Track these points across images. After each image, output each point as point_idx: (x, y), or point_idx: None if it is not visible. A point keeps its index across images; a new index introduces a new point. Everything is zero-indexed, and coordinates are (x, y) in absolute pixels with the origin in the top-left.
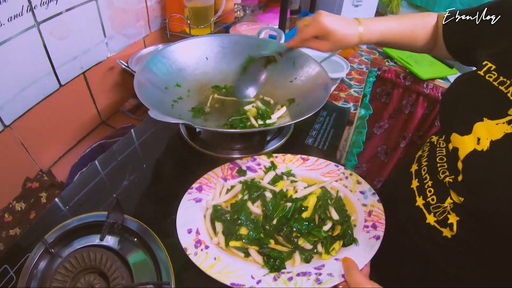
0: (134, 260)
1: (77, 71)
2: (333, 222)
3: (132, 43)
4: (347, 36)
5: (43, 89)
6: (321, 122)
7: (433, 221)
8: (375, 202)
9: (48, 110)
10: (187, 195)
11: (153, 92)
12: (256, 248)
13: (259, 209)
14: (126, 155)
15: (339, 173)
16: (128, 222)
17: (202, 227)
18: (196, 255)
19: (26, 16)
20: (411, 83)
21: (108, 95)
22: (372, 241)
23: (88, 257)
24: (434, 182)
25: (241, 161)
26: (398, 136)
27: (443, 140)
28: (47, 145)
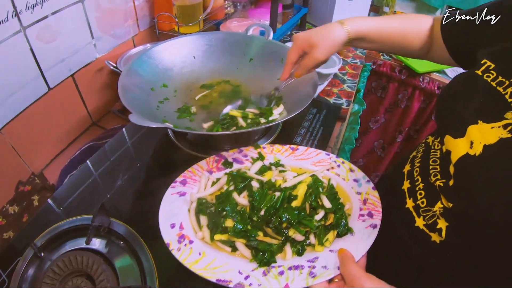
0: (120, 263)
1: (66, 73)
2: (325, 210)
3: (121, 43)
4: (331, 33)
5: (32, 93)
6: (310, 120)
7: (422, 225)
8: (370, 189)
9: (38, 114)
10: (170, 189)
11: (138, 95)
12: (244, 241)
13: (245, 199)
14: (116, 156)
15: (331, 162)
16: (114, 226)
17: (186, 221)
18: (179, 251)
19: (11, 22)
20: (407, 77)
21: (98, 96)
22: (368, 230)
23: (76, 261)
24: (426, 184)
25: (227, 153)
26: (395, 130)
27: (438, 141)
28: (39, 148)
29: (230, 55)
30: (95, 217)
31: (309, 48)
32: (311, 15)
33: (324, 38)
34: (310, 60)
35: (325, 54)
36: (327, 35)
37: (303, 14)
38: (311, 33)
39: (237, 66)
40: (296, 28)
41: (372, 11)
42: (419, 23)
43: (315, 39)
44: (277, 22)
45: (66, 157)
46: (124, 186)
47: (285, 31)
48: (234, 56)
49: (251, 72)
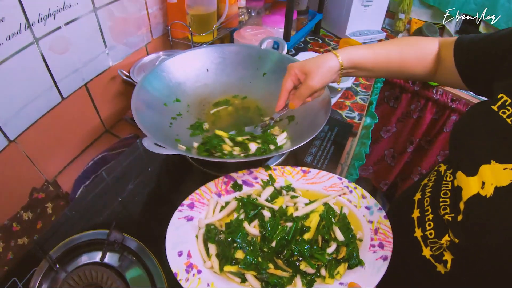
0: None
1: (79, 83)
2: (337, 243)
3: (134, 51)
4: (325, 62)
5: (45, 103)
6: (322, 138)
7: (429, 255)
8: (381, 218)
9: (52, 123)
10: (177, 213)
11: (151, 114)
12: (254, 273)
13: (256, 229)
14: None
15: (343, 187)
16: (127, 241)
17: (194, 249)
18: (187, 281)
19: (24, 34)
20: (420, 88)
21: (111, 104)
22: (379, 262)
23: (90, 275)
24: (435, 216)
25: (236, 175)
26: (406, 140)
27: (451, 173)
28: (52, 156)
29: (244, 68)
30: (110, 234)
31: (303, 76)
32: (326, 21)
33: (318, 67)
34: (305, 88)
35: (320, 82)
36: (321, 64)
37: (318, 21)
38: (305, 62)
39: (250, 81)
40: (311, 34)
41: (387, 17)
42: (420, 49)
43: (309, 67)
44: (291, 29)
45: (79, 165)
46: (136, 199)
47: (299, 38)
48: (247, 70)
49: (265, 87)
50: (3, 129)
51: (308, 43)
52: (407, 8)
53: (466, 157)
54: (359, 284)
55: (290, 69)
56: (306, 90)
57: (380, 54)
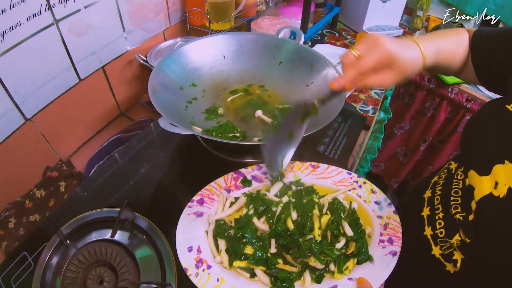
0: (140, 254)
1: (97, 65)
2: (347, 238)
3: (152, 36)
4: (413, 60)
5: (63, 83)
6: (335, 128)
7: (438, 254)
8: (391, 213)
9: (68, 104)
10: (187, 208)
11: (167, 95)
12: (263, 268)
13: (265, 225)
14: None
15: (352, 182)
16: (138, 220)
17: (204, 245)
18: (197, 276)
19: (44, 15)
20: (436, 86)
21: (127, 87)
22: (388, 257)
23: (100, 251)
24: (445, 215)
25: (245, 170)
26: (419, 138)
27: (462, 171)
28: (67, 136)
29: (260, 56)
30: (122, 211)
31: (385, 65)
32: (343, 15)
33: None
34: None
35: (395, 82)
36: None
37: (336, 14)
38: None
39: (266, 69)
40: (328, 27)
41: (405, 13)
42: (462, 41)
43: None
44: (308, 21)
45: (94, 146)
46: (148, 180)
47: (316, 30)
48: (263, 58)
49: (280, 76)
50: (20, 107)
51: (325, 36)
52: (425, 5)
53: (478, 156)
54: (368, 279)
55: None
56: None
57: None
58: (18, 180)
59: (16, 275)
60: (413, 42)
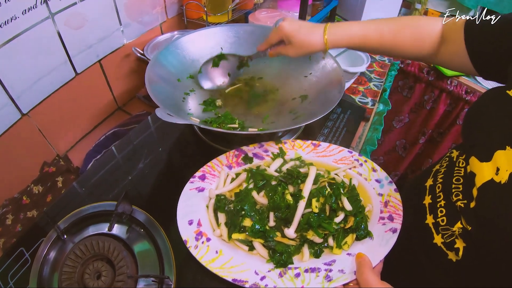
0: (138, 248)
1: (93, 59)
2: (345, 213)
3: (149, 29)
4: (310, 41)
5: (59, 77)
6: (335, 119)
7: (440, 242)
8: (392, 191)
9: (65, 98)
10: (189, 184)
11: (164, 87)
12: (261, 241)
13: (264, 198)
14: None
15: (353, 160)
16: (136, 213)
17: (204, 218)
18: (196, 248)
19: (40, 8)
20: (435, 78)
21: (124, 81)
22: (388, 234)
23: (97, 245)
24: (447, 202)
25: (247, 148)
26: (418, 131)
27: (463, 159)
28: (64, 130)
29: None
30: (119, 205)
31: (287, 42)
32: (341, 8)
33: (302, 42)
34: (283, 51)
35: (297, 55)
36: (306, 41)
37: (333, 7)
38: (295, 31)
39: (264, 61)
40: (325, 21)
41: (404, 6)
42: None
43: (295, 40)
44: (306, 14)
45: (91, 140)
46: (146, 173)
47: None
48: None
49: (279, 67)
50: (16, 102)
51: None
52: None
53: (479, 143)
54: (367, 255)
55: (280, 30)
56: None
57: (373, 33)
58: (15, 176)
59: (14, 271)
60: (320, 28)
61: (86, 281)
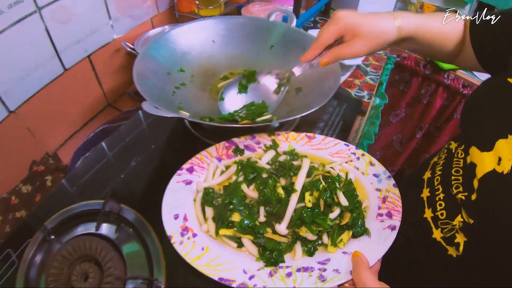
0: (128, 249)
1: (82, 54)
2: (341, 208)
3: (139, 24)
4: (383, 29)
5: (47, 73)
6: (330, 112)
7: (439, 237)
8: (390, 186)
9: (53, 94)
10: (176, 176)
11: (154, 81)
12: (251, 237)
13: (255, 192)
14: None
15: (350, 153)
16: (125, 212)
17: (190, 213)
18: (181, 244)
19: (27, 2)
20: (431, 72)
21: (114, 77)
22: (386, 232)
23: (85, 246)
24: (446, 195)
25: (238, 139)
26: (415, 126)
27: (462, 149)
28: (53, 128)
29: (251, 41)
30: (106, 203)
31: (351, 36)
32: (336, 2)
33: (373, 31)
34: (347, 50)
35: (368, 50)
36: (378, 29)
37: (328, 0)
38: (360, 19)
39: (257, 53)
40: (320, 14)
41: (399, 0)
42: (453, 25)
43: (364, 29)
44: (300, 7)
45: (81, 138)
46: (136, 171)
47: (308, 17)
48: (254, 42)
49: (272, 60)
50: (3, 99)
51: (317, 23)
52: None
53: (480, 132)
54: (364, 254)
55: (339, 20)
56: (348, 53)
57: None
58: (4, 176)
59: (1, 273)
60: (387, 13)
61: (73, 282)
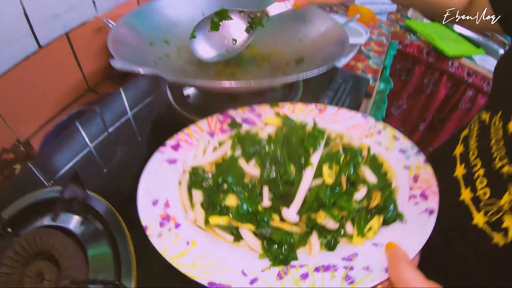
0: (93, 251)
1: (59, 31)
2: (368, 187)
3: (124, 1)
4: None
5: (20, 50)
6: (336, 89)
7: (482, 222)
8: (421, 163)
9: (27, 75)
10: (157, 154)
11: (133, 49)
12: (252, 227)
13: (256, 169)
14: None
15: (369, 127)
16: (93, 201)
17: (174, 198)
18: (160, 237)
19: None
20: (435, 60)
21: (95, 59)
22: (423, 216)
23: (42, 240)
24: (488, 170)
25: (235, 112)
26: (418, 118)
27: (500, 117)
28: (26, 113)
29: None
30: (66, 188)
31: None
32: None
33: None
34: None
35: None
36: None
37: None
38: None
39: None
40: None
41: None
42: None
43: None
44: None
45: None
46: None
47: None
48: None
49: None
50: None
51: None
52: None
53: None
54: (400, 245)
55: None
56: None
57: None
58: None
59: None
60: None
61: (27, 284)
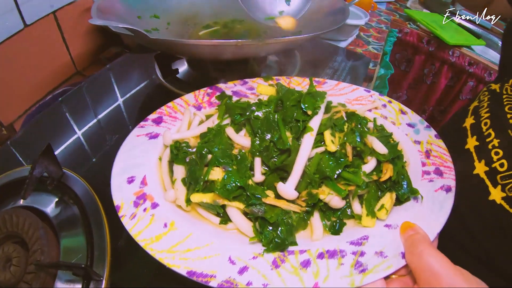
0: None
1: (46, 9)
2: (378, 158)
3: None
4: None
5: (4, 28)
6: (335, 67)
7: (500, 198)
8: (432, 138)
9: (11, 55)
10: (137, 129)
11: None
12: (241, 205)
13: (246, 138)
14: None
15: (373, 100)
16: (69, 180)
17: (152, 175)
18: (133, 218)
19: None
20: (435, 49)
21: (84, 40)
22: (440, 194)
23: (11, 222)
24: (504, 140)
25: (224, 85)
26: (418, 109)
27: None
28: (10, 95)
29: None
30: (37, 163)
31: None
32: None
33: None
34: None
35: None
36: None
37: None
38: None
39: None
40: None
41: None
42: None
43: None
44: None
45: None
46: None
47: None
48: None
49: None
50: None
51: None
52: None
53: None
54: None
55: None
56: None
57: None
58: None
59: None
60: None
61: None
